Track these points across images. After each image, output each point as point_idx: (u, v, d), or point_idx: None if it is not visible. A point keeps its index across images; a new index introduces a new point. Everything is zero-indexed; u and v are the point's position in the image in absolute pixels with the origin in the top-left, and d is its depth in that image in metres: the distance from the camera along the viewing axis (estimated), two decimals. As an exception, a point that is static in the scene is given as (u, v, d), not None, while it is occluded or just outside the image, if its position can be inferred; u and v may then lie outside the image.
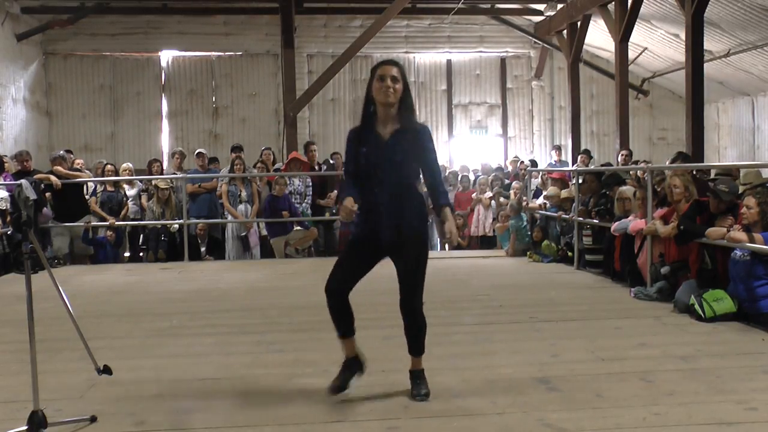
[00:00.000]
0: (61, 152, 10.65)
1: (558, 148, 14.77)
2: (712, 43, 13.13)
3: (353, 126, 3.98)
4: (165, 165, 14.60)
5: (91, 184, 10.90)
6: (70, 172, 10.23)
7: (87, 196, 10.66)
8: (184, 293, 7.57)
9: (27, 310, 3.37)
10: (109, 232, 10.62)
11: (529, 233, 10.14)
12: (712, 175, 7.88)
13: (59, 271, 8.76)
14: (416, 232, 3.79)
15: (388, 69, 3.74)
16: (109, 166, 11.41)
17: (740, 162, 13.84)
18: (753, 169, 8.15)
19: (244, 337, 5.37)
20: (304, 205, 11.00)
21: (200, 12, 15.80)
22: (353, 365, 3.87)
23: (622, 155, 11.79)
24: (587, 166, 12.12)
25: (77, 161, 11.27)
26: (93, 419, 3.52)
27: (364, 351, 3.94)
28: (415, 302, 3.77)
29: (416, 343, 3.84)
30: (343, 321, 3.82)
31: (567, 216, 9.18)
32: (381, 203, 3.74)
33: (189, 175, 11.07)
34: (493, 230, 11.30)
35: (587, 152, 13.30)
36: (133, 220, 10.91)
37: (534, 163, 13.97)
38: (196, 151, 11.58)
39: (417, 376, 3.86)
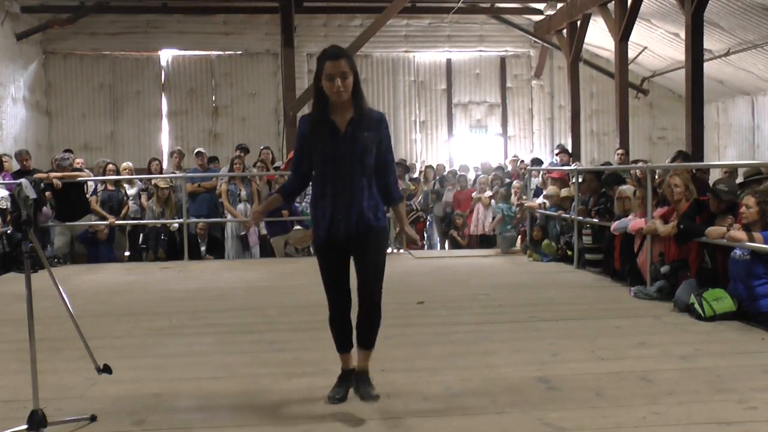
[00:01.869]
0: (65, 156, 10.60)
1: (561, 147, 14.74)
2: (712, 42, 13.13)
3: (304, 114, 3.81)
4: (165, 164, 14.62)
5: (91, 183, 10.89)
6: (67, 173, 10.18)
7: (87, 195, 10.65)
8: (183, 292, 7.57)
9: (27, 309, 3.37)
10: (100, 230, 10.53)
11: (516, 221, 10.28)
12: (718, 176, 7.88)
13: (59, 271, 8.75)
14: (376, 226, 3.68)
15: (336, 66, 3.49)
16: (110, 166, 11.41)
17: (740, 161, 13.83)
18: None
19: (243, 337, 5.37)
20: (304, 204, 10.99)
21: (200, 11, 15.80)
22: (350, 377, 3.79)
23: (618, 154, 11.81)
24: (568, 163, 12.17)
25: (77, 160, 11.26)
26: (93, 418, 3.52)
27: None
28: (375, 297, 3.66)
29: (371, 336, 3.74)
30: (344, 337, 3.78)
31: (567, 215, 9.17)
32: (339, 197, 3.61)
33: (189, 175, 11.06)
34: (493, 229, 11.29)
35: (561, 147, 13.39)
36: (133, 219, 10.90)
37: (539, 162, 13.93)
38: (196, 151, 11.57)
39: (365, 377, 3.75)
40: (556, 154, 13.37)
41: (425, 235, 13.09)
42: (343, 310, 3.71)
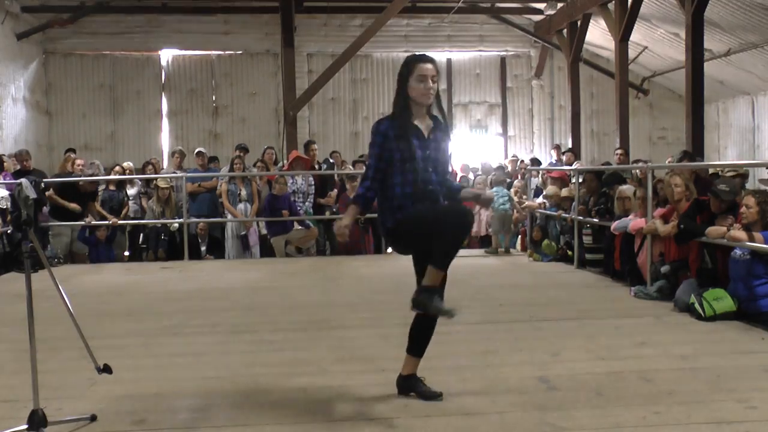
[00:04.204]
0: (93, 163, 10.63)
1: (558, 147, 14.78)
2: (712, 42, 13.13)
3: (382, 118, 3.79)
4: (165, 164, 14.63)
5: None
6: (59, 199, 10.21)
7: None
8: (184, 292, 7.57)
9: (27, 309, 3.37)
10: (100, 229, 10.53)
11: (508, 209, 10.41)
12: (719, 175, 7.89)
13: (59, 270, 8.76)
14: None
15: (428, 69, 3.62)
16: (117, 167, 11.41)
17: (740, 161, 13.82)
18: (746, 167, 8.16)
19: (244, 336, 5.37)
20: (307, 204, 10.99)
21: (200, 11, 15.79)
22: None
23: (617, 155, 11.81)
24: (561, 160, 12.20)
25: (77, 162, 11.25)
26: (93, 418, 3.52)
27: (363, 351, 3.94)
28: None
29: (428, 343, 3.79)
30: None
31: (567, 215, 9.17)
32: (420, 202, 3.63)
33: (189, 174, 11.07)
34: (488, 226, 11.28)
35: (558, 146, 13.63)
36: (133, 219, 10.90)
37: (537, 162, 13.97)
38: (196, 150, 11.58)
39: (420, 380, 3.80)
40: (563, 153, 13.38)
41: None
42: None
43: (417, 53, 3.79)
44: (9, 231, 9.20)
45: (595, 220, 8.27)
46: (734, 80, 15.47)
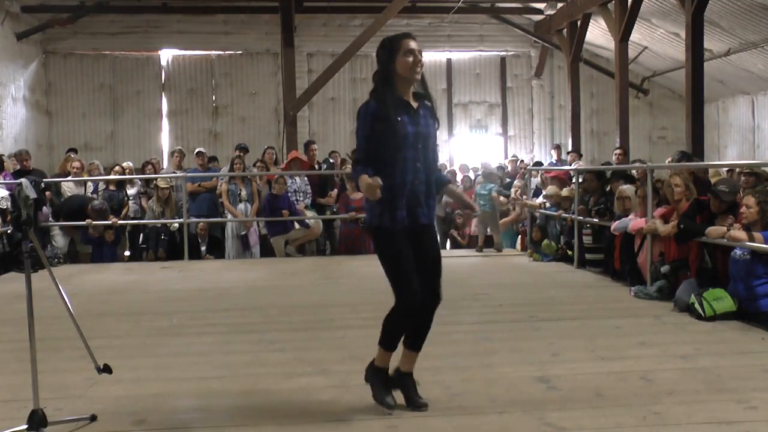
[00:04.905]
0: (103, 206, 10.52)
1: (558, 147, 14.79)
2: (712, 42, 13.13)
3: (368, 99, 3.59)
4: (165, 164, 14.62)
5: (90, 183, 10.90)
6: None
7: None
8: (184, 292, 7.57)
9: (27, 308, 3.37)
10: (108, 231, 10.58)
11: (487, 209, 10.47)
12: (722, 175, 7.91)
13: (59, 270, 8.76)
14: (435, 217, 3.75)
15: (414, 43, 3.53)
16: (116, 167, 11.41)
17: (740, 161, 13.82)
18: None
19: (244, 336, 5.37)
20: (307, 200, 10.97)
21: (200, 11, 15.80)
22: (386, 375, 3.71)
23: (616, 154, 11.81)
24: (561, 160, 12.20)
25: (74, 163, 11.24)
26: (93, 418, 3.52)
27: (362, 351, 3.94)
28: (439, 298, 3.61)
29: (424, 339, 3.67)
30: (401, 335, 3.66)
31: (566, 215, 9.17)
32: (418, 181, 3.54)
33: (189, 174, 11.07)
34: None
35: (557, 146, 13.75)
36: (133, 219, 10.90)
37: (538, 164, 13.97)
38: (196, 150, 11.58)
39: (412, 379, 3.70)
40: (567, 153, 13.38)
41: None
42: (420, 300, 3.51)
43: (398, 33, 3.64)
44: (9, 231, 9.20)
45: (595, 220, 8.27)
46: (734, 80, 15.48)
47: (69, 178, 10.90)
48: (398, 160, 3.51)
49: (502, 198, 11.28)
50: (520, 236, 11.00)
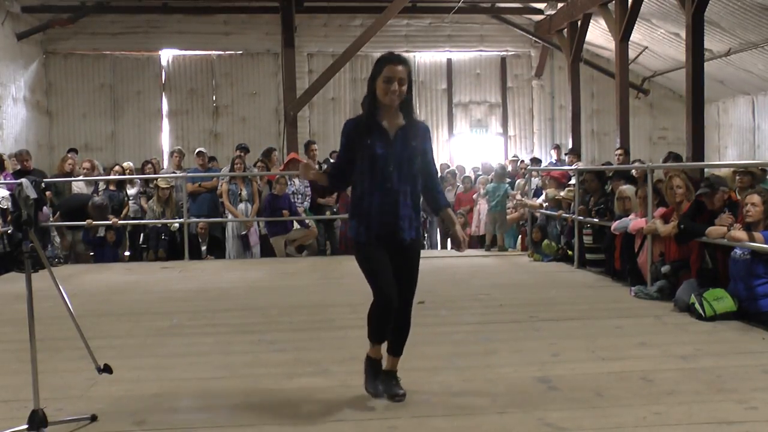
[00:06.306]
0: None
1: (558, 147, 14.79)
2: (712, 42, 13.13)
3: (351, 117, 3.89)
4: (165, 164, 14.62)
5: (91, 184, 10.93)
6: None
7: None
8: (184, 292, 7.57)
9: (27, 309, 3.37)
10: (109, 232, 10.59)
11: (511, 220, 10.50)
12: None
13: (59, 270, 8.77)
14: (417, 235, 3.82)
15: (396, 70, 3.60)
16: (116, 167, 11.41)
17: (740, 161, 13.82)
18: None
19: (244, 337, 5.37)
20: (305, 204, 10.98)
21: (200, 11, 15.80)
22: (378, 365, 3.85)
23: (617, 154, 11.82)
24: (561, 160, 12.20)
25: (68, 163, 11.24)
26: (93, 418, 3.52)
27: (362, 351, 3.94)
28: (410, 307, 3.82)
29: (402, 345, 3.86)
30: (389, 328, 3.77)
31: (566, 215, 9.17)
32: (384, 202, 3.67)
33: (189, 174, 11.07)
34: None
35: (558, 146, 13.93)
36: (133, 219, 10.90)
37: (537, 161, 13.98)
38: (196, 150, 11.58)
39: (394, 376, 3.83)
40: (565, 154, 13.39)
41: (425, 235, 13.08)
42: (395, 294, 3.65)
43: (389, 53, 3.75)
44: (9, 231, 9.21)
45: (595, 220, 8.27)
46: (734, 80, 15.47)
47: (74, 178, 10.92)
48: (366, 181, 3.69)
49: (518, 197, 11.19)
50: (520, 236, 11.00)
